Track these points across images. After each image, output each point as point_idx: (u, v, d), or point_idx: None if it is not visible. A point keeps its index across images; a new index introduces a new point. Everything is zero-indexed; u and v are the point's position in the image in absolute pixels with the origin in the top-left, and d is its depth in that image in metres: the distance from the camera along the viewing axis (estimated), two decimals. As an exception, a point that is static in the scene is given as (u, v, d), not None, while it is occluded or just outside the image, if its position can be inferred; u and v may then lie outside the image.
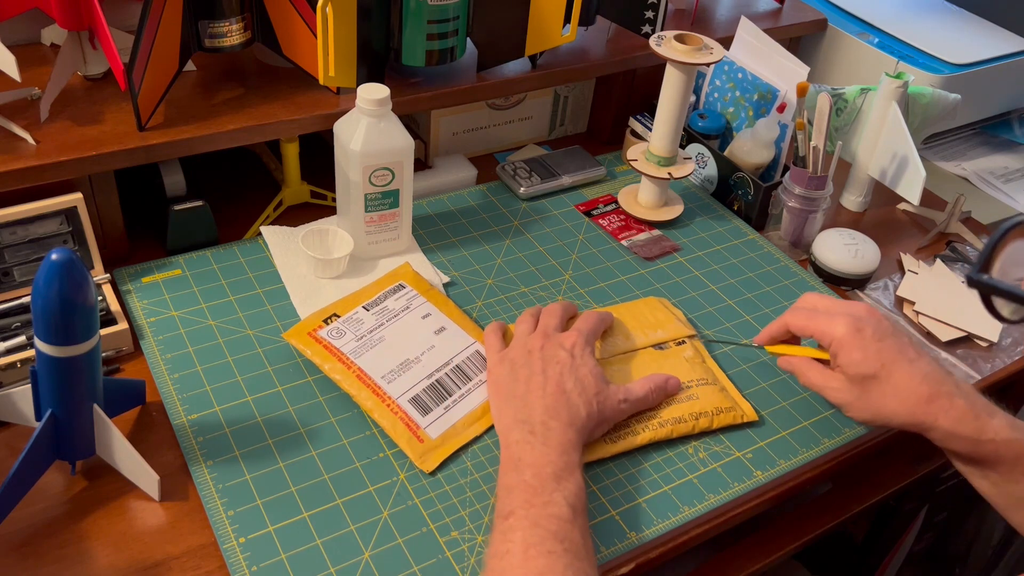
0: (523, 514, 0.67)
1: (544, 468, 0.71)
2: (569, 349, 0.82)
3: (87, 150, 0.87)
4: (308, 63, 0.98)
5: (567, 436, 0.74)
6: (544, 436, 0.74)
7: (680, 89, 1.01)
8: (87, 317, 0.65)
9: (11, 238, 0.86)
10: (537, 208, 1.11)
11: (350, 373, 0.83)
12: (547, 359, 0.81)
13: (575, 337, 0.83)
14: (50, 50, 1.03)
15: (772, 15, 1.33)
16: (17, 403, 0.74)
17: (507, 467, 0.73)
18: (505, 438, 0.76)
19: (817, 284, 1.05)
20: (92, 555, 0.70)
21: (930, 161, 1.38)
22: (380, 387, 0.82)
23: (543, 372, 0.80)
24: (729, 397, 0.87)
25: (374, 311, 0.89)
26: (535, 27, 1.06)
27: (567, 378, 0.79)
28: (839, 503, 0.98)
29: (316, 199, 1.08)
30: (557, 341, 0.83)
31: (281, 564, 0.70)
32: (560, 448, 0.73)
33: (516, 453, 0.73)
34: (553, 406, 0.77)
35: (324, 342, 0.85)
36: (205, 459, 0.77)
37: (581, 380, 0.79)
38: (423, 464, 0.78)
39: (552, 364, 0.80)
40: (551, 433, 0.74)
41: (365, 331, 0.87)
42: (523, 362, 0.81)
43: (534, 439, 0.74)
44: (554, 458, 0.72)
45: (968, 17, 1.43)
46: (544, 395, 0.77)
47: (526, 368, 0.81)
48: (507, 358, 0.83)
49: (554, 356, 0.81)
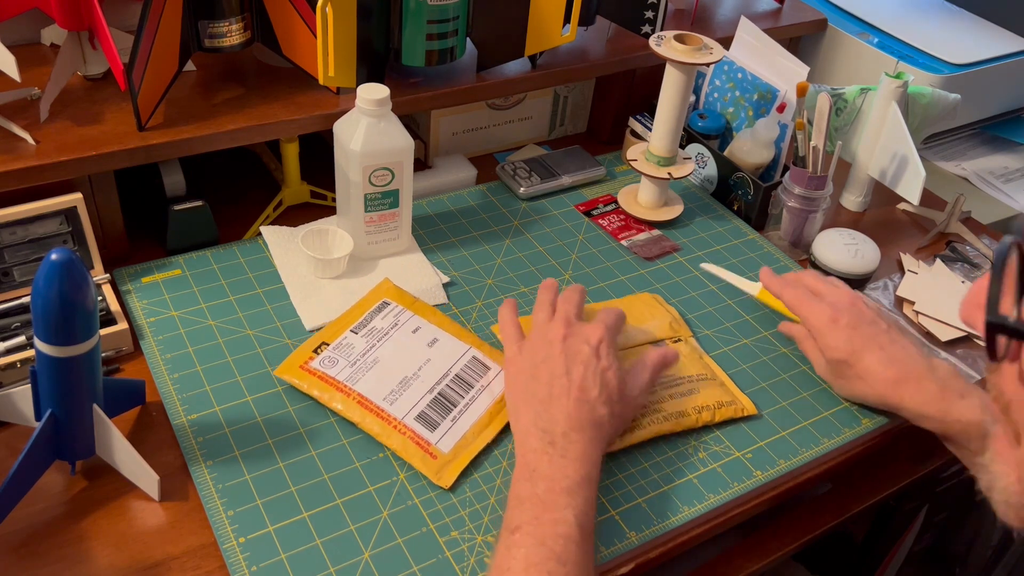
0: (530, 530, 0.66)
1: (559, 482, 0.69)
2: (595, 346, 0.78)
3: (87, 150, 0.88)
4: (308, 63, 0.98)
5: (587, 450, 0.72)
6: (564, 448, 0.72)
7: (680, 89, 1.01)
8: (87, 317, 0.65)
9: (11, 238, 0.86)
10: (537, 208, 1.11)
11: (351, 400, 0.81)
12: (571, 356, 0.77)
13: (601, 332, 0.79)
14: (50, 50, 1.03)
15: (772, 15, 1.33)
16: (17, 403, 0.74)
17: (521, 475, 0.71)
18: (522, 443, 0.74)
19: (817, 284, 1.05)
20: (92, 555, 0.70)
21: (930, 161, 1.38)
22: (384, 410, 0.80)
23: (567, 374, 0.76)
24: (728, 392, 0.87)
25: (362, 333, 0.87)
26: (535, 27, 1.06)
27: (592, 382, 0.76)
28: (839, 503, 0.98)
29: (316, 199, 1.08)
30: (582, 335, 0.79)
31: (281, 564, 0.70)
32: (578, 462, 0.71)
33: (532, 462, 0.71)
34: (576, 416, 0.74)
35: (318, 373, 0.83)
36: (205, 459, 0.77)
37: (607, 384, 0.76)
38: (440, 480, 0.76)
39: (576, 364, 0.77)
40: (572, 446, 0.72)
41: (357, 355, 0.85)
42: (544, 355, 0.78)
43: (553, 451, 0.72)
44: (570, 472, 0.70)
45: (968, 17, 1.43)
46: (568, 401, 0.74)
47: (547, 365, 0.77)
48: (527, 348, 0.80)
49: (578, 353, 0.77)
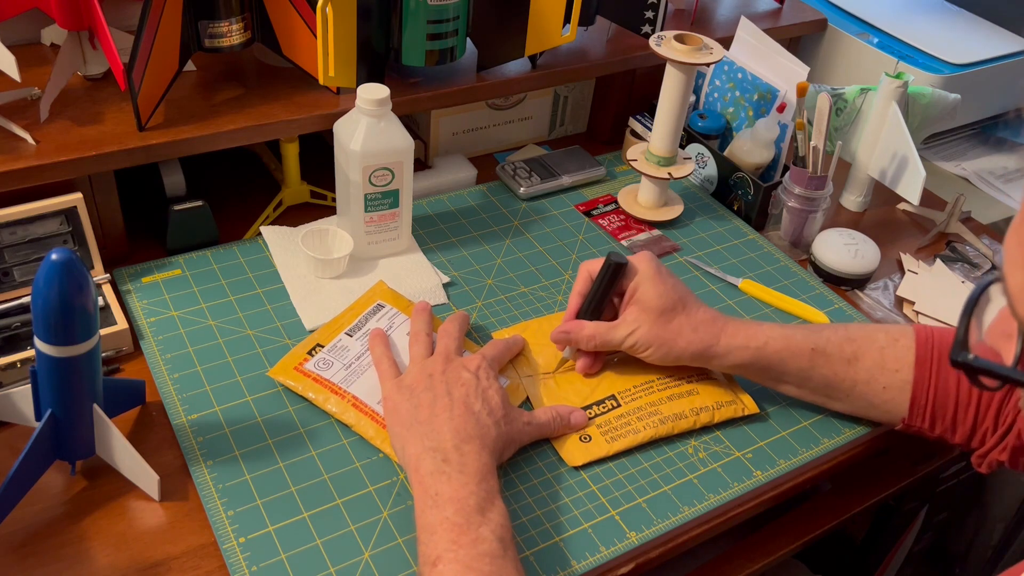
0: (451, 557, 0.64)
1: (466, 501, 0.67)
2: (474, 371, 0.78)
3: (87, 150, 0.88)
4: (308, 63, 0.98)
5: (482, 460, 0.71)
6: (460, 463, 0.70)
7: (680, 89, 1.01)
8: (87, 317, 0.65)
9: (11, 238, 0.86)
10: (537, 208, 1.11)
11: (345, 403, 0.81)
12: (451, 381, 0.77)
13: (479, 360, 0.80)
14: (50, 50, 1.03)
15: (772, 15, 1.33)
16: (17, 403, 0.74)
17: (424, 503, 0.68)
18: (415, 471, 0.71)
19: (817, 284, 1.05)
20: (92, 555, 0.70)
21: (930, 161, 1.38)
22: (378, 412, 0.80)
23: (448, 394, 0.76)
24: (729, 391, 0.87)
25: (357, 336, 0.87)
26: (535, 27, 1.06)
27: (474, 398, 0.76)
28: (839, 503, 0.98)
29: (316, 199, 1.08)
30: (460, 363, 0.79)
31: (281, 564, 0.70)
32: (479, 475, 0.70)
33: (432, 487, 0.69)
34: (462, 427, 0.73)
35: (312, 375, 0.83)
36: (205, 459, 0.77)
37: (489, 400, 0.76)
38: None
39: (457, 386, 0.76)
40: (466, 459, 0.71)
41: (352, 358, 0.85)
42: (424, 387, 0.77)
43: (449, 468, 0.70)
44: (474, 488, 0.68)
45: (968, 17, 1.43)
46: (452, 416, 0.74)
47: (428, 393, 0.76)
48: (404, 385, 0.78)
49: (458, 378, 0.77)
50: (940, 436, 0.82)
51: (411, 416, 0.75)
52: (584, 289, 0.86)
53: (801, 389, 0.85)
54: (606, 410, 0.83)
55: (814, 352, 0.82)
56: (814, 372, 0.83)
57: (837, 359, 0.82)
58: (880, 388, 0.82)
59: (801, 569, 1.19)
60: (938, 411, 0.81)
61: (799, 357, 0.82)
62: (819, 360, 0.82)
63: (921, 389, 0.81)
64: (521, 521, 0.75)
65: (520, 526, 0.75)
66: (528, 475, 0.79)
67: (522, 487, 0.78)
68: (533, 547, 0.73)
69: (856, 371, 0.82)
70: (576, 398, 0.84)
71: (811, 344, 0.82)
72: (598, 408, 0.84)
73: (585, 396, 0.85)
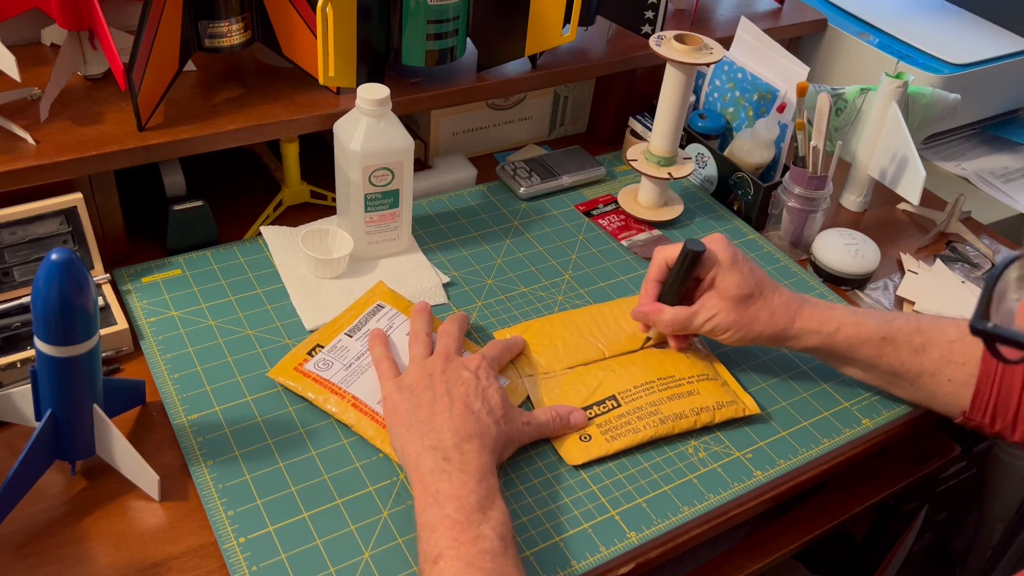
0: (453, 555, 0.64)
1: (467, 499, 0.68)
2: (474, 371, 0.79)
3: (87, 150, 0.88)
4: (308, 63, 0.98)
5: (483, 459, 0.71)
6: (460, 462, 0.70)
7: (680, 89, 1.01)
8: (87, 317, 0.65)
9: (11, 238, 0.86)
10: (537, 208, 1.11)
11: (345, 403, 0.81)
12: (451, 380, 0.77)
13: (479, 360, 0.81)
14: (50, 50, 1.03)
15: (772, 15, 1.33)
16: (17, 403, 0.74)
17: (425, 501, 0.69)
18: (416, 469, 0.71)
19: (817, 284, 1.05)
20: (92, 555, 0.70)
21: (930, 161, 1.38)
22: (378, 413, 0.80)
23: (448, 393, 0.76)
24: (730, 391, 0.87)
25: (357, 336, 0.87)
26: (535, 27, 1.06)
27: (474, 397, 0.76)
28: (839, 503, 0.98)
29: (316, 199, 1.08)
30: (460, 363, 0.80)
31: (281, 564, 0.70)
32: (479, 473, 0.70)
33: (433, 484, 0.69)
34: (462, 426, 0.73)
35: (312, 375, 0.83)
36: (205, 459, 0.77)
37: (488, 400, 0.76)
38: None
39: (457, 385, 0.77)
40: (467, 457, 0.71)
41: (352, 358, 0.85)
42: (424, 386, 0.77)
43: (450, 466, 0.70)
44: (475, 486, 0.69)
45: (968, 17, 1.43)
46: (451, 415, 0.74)
47: (428, 392, 0.76)
48: (404, 385, 0.78)
49: (458, 377, 0.78)
50: (999, 432, 0.83)
51: (411, 415, 0.75)
52: (659, 276, 0.88)
53: (867, 374, 0.87)
54: (606, 410, 0.83)
55: (884, 341, 0.84)
56: (881, 360, 0.84)
57: (905, 349, 0.84)
58: (945, 380, 0.83)
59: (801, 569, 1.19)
60: (1000, 408, 0.81)
61: (868, 345, 0.84)
62: (888, 349, 0.84)
63: (985, 385, 0.81)
64: (521, 521, 0.75)
65: (520, 526, 0.75)
66: (528, 475, 0.79)
67: (522, 487, 0.78)
68: (533, 547, 0.73)
69: (923, 362, 0.84)
70: (576, 398, 0.84)
71: (882, 333, 0.84)
72: (598, 408, 0.84)
73: (585, 396, 0.85)
